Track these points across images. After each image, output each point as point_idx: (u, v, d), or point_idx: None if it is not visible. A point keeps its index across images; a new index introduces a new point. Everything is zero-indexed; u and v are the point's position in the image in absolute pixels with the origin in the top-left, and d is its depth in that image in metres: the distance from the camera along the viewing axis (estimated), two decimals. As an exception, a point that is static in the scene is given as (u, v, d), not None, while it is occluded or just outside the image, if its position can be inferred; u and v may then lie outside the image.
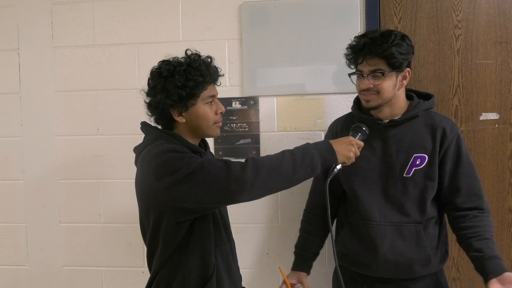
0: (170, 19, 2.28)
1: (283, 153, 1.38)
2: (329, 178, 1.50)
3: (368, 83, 1.64)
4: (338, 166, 1.49)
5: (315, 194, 1.95)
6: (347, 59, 1.73)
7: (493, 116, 2.16)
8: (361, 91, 1.68)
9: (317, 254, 1.93)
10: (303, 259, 1.91)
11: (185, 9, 2.27)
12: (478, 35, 2.16)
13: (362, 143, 1.54)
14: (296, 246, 1.94)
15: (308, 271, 1.91)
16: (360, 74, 1.68)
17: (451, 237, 1.82)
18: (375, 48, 1.61)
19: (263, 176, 1.31)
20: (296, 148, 1.41)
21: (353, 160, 1.49)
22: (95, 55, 2.34)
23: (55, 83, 2.37)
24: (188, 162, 1.33)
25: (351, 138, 1.52)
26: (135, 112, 2.24)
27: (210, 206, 1.42)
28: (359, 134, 1.58)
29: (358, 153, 1.51)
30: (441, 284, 1.77)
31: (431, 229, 1.71)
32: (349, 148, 1.47)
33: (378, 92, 1.64)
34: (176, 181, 1.32)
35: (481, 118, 2.17)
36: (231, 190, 1.30)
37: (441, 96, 2.16)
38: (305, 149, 1.40)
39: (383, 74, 1.62)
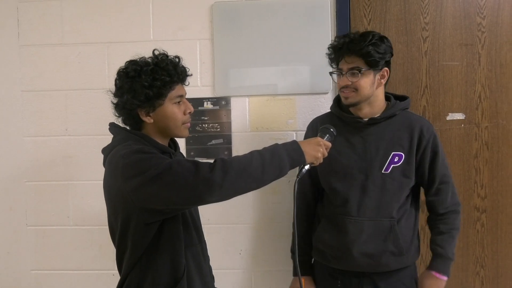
0: (140, 18, 2.25)
1: (252, 153, 1.38)
2: (297, 179, 1.52)
3: (347, 80, 1.72)
4: (306, 167, 1.50)
5: (301, 194, 1.97)
6: (329, 58, 1.81)
7: (459, 116, 2.22)
8: (340, 88, 1.75)
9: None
10: (304, 263, 1.93)
11: (156, 8, 2.25)
12: (445, 37, 2.21)
13: (330, 144, 1.57)
14: (292, 252, 1.96)
15: (310, 274, 1.94)
16: (340, 72, 1.75)
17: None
18: (352, 47, 1.70)
19: (232, 176, 1.30)
20: (264, 148, 1.41)
21: (321, 160, 1.51)
22: (63, 54, 2.29)
23: (21, 82, 2.31)
24: (156, 163, 1.32)
25: (318, 139, 1.54)
26: (105, 112, 2.18)
27: (179, 207, 1.40)
28: (327, 135, 1.61)
29: (326, 154, 1.53)
30: (414, 279, 1.82)
31: (403, 223, 1.76)
32: (317, 149, 1.48)
33: (356, 89, 1.72)
34: (144, 182, 1.30)
35: (448, 118, 2.23)
36: (200, 191, 1.28)
37: (410, 96, 2.19)
38: (274, 149, 1.40)
39: (359, 71, 1.69)
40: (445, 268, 1.77)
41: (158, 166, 1.30)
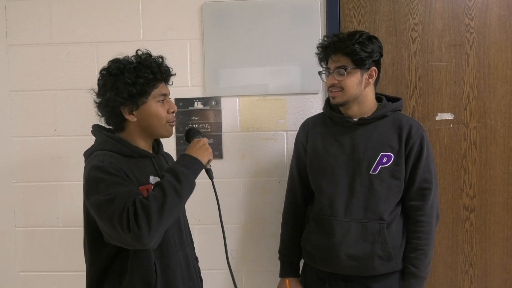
0: (130, 18, 2.24)
1: (162, 186, 1.36)
2: (213, 180, 1.57)
3: (333, 79, 1.73)
4: (208, 166, 1.55)
5: (289, 193, 1.98)
6: (318, 57, 1.81)
7: (448, 116, 2.24)
8: (328, 87, 1.76)
9: (301, 255, 1.95)
10: (291, 265, 1.94)
11: (146, 8, 2.24)
12: (434, 38, 2.23)
13: (207, 139, 1.59)
14: (280, 252, 1.97)
15: (298, 275, 1.94)
16: (327, 72, 1.77)
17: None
18: (339, 45, 1.71)
19: (156, 219, 1.30)
20: (167, 175, 1.40)
21: (212, 153, 1.56)
22: (52, 54, 2.27)
23: (9, 82, 2.28)
24: (106, 190, 1.32)
25: (196, 139, 1.56)
26: (94, 112, 2.18)
27: (114, 242, 1.37)
28: (198, 135, 1.61)
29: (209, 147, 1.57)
30: (403, 283, 1.79)
31: (394, 227, 1.75)
32: (205, 147, 1.53)
33: (342, 88, 1.72)
34: (93, 205, 1.34)
35: (437, 118, 2.24)
36: (130, 241, 1.30)
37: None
38: (176, 172, 1.40)
39: (345, 70, 1.70)
40: (419, 287, 1.75)
41: (106, 195, 1.31)
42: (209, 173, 1.56)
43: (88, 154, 1.49)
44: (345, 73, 1.70)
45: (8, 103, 2.29)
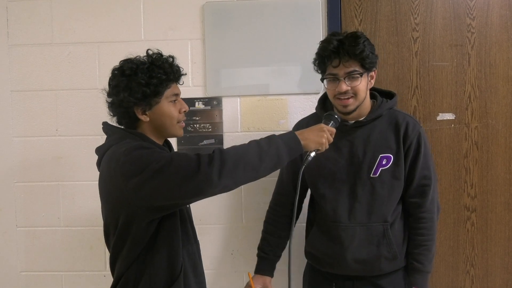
0: (131, 18, 2.24)
1: (249, 143, 1.40)
2: (304, 166, 1.51)
3: (346, 86, 1.63)
4: (312, 154, 1.50)
5: (278, 195, 1.96)
6: (315, 64, 1.71)
7: (449, 116, 2.24)
8: (337, 95, 1.65)
9: (280, 256, 1.94)
10: (267, 262, 1.92)
11: (147, 8, 2.24)
12: (435, 38, 2.23)
13: (334, 130, 1.56)
14: (260, 249, 1.95)
15: (272, 275, 1.92)
16: (334, 78, 1.65)
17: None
18: (351, 50, 1.60)
19: (230, 167, 1.30)
20: (261, 138, 1.42)
21: (327, 146, 1.51)
22: (53, 54, 2.27)
23: (11, 82, 2.29)
24: (158, 157, 1.33)
25: (322, 125, 1.54)
26: (95, 112, 2.19)
27: (180, 201, 1.39)
28: (331, 122, 1.59)
29: (331, 140, 1.53)
30: (408, 279, 1.80)
31: (397, 226, 1.75)
32: (320, 135, 1.49)
33: (355, 94, 1.65)
34: (146, 179, 1.30)
35: (438, 118, 2.24)
36: (201, 184, 1.29)
37: (400, 97, 2.21)
38: (270, 139, 1.41)
39: (361, 75, 1.63)
40: (424, 282, 1.76)
41: (160, 160, 1.31)
42: (306, 159, 1.50)
43: (105, 149, 1.47)
44: (360, 78, 1.63)
45: (9, 103, 2.29)
